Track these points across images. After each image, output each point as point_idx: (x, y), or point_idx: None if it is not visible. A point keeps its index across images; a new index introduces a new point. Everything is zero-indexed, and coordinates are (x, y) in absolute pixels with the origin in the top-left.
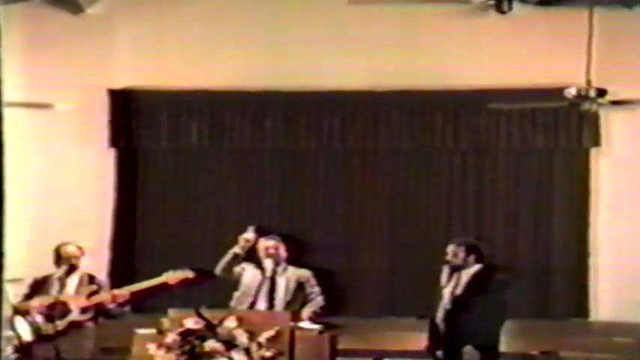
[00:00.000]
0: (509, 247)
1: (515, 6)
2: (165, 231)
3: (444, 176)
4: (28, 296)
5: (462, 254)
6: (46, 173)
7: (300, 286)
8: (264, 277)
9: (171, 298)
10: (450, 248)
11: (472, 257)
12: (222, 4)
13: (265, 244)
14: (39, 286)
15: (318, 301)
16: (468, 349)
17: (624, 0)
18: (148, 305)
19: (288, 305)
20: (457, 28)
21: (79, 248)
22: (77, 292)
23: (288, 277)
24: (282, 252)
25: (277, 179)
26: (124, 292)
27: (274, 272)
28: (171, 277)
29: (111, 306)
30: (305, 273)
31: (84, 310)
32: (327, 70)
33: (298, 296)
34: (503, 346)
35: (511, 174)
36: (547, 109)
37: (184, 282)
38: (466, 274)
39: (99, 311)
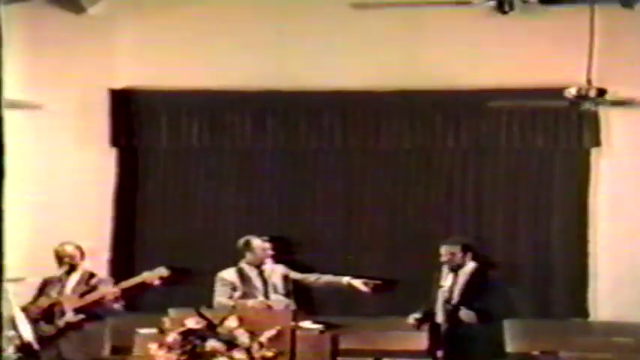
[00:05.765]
0: (509, 247)
1: (516, 6)
2: (165, 231)
3: (444, 176)
4: (38, 297)
5: (459, 253)
6: (46, 173)
7: (286, 279)
8: (263, 277)
9: (171, 298)
10: (445, 249)
11: (468, 256)
12: (222, 5)
13: (263, 246)
14: (46, 287)
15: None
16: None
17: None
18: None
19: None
20: (458, 28)
21: (78, 248)
22: (74, 291)
23: (282, 273)
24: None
25: (277, 179)
26: (114, 289)
27: (271, 271)
28: (147, 276)
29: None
30: (282, 267)
31: (77, 311)
32: (327, 70)
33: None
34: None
35: (511, 174)
36: (547, 109)
37: (161, 280)
38: (463, 274)
39: (97, 310)
